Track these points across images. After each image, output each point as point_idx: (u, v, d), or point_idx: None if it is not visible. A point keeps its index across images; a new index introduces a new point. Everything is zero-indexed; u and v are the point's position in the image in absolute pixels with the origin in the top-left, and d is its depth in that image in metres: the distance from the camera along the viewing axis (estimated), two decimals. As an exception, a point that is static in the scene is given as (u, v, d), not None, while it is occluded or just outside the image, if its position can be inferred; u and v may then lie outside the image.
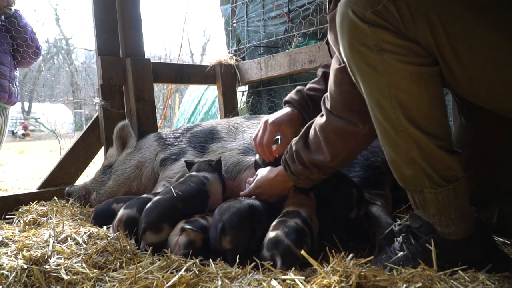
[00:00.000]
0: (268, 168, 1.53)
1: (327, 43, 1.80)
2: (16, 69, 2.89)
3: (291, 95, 1.65)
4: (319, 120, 1.30)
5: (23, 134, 17.71)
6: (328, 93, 1.26)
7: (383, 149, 1.11)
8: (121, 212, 1.51)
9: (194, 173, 1.66)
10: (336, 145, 1.25)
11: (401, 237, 1.14)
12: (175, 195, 1.45)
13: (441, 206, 1.04)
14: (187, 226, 1.31)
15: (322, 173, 1.34)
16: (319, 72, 1.76)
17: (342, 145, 1.24)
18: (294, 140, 1.37)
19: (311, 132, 1.32)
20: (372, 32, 0.99)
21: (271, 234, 1.23)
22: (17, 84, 2.88)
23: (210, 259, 1.22)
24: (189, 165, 1.75)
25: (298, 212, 1.33)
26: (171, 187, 1.50)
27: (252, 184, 1.55)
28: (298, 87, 1.67)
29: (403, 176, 1.08)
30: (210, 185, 1.59)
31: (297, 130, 1.53)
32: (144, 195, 1.65)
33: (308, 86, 1.68)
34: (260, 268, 1.14)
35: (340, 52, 1.20)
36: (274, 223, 1.30)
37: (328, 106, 1.25)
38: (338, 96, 1.22)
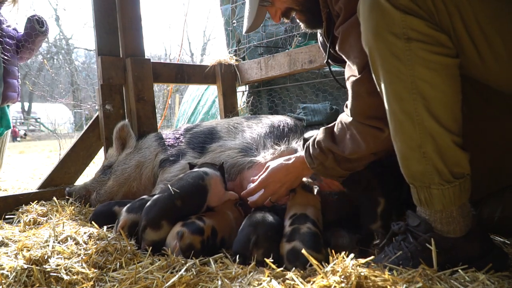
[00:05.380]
0: (280, 158, 1.57)
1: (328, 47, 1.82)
2: None
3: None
4: (346, 118, 1.34)
5: (25, 134, 17.71)
6: (348, 102, 1.30)
7: (394, 144, 1.11)
8: (124, 217, 1.50)
9: (195, 168, 1.67)
10: (358, 144, 1.30)
11: (399, 236, 1.15)
12: (173, 193, 1.45)
13: (446, 203, 1.05)
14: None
15: (336, 162, 1.37)
16: None
17: (364, 145, 1.29)
18: (322, 128, 1.43)
19: (337, 125, 1.37)
20: (402, 19, 0.99)
21: (288, 246, 1.24)
22: (20, 82, 2.90)
23: (210, 259, 1.23)
24: (192, 167, 1.76)
25: (306, 216, 1.35)
26: (169, 185, 1.50)
27: (267, 171, 1.54)
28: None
29: (412, 172, 1.09)
30: (210, 179, 1.58)
31: None
32: (145, 196, 1.65)
33: None
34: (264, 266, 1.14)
35: (355, 60, 1.23)
36: (287, 232, 1.31)
37: (350, 115, 1.29)
38: (357, 108, 1.26)
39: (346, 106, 1.35)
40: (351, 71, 1.30)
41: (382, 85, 1.08)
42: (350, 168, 1.39)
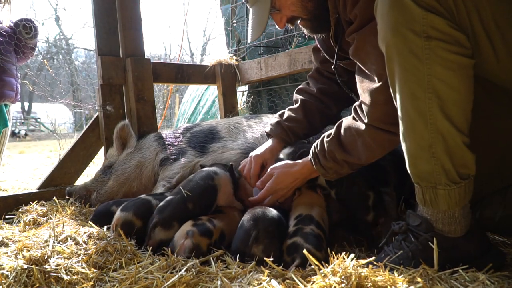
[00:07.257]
0: (281, 163, 1.57)
1: (315, 50, 1.84)
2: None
3: (272, 127, 1.82)
4: (356, 124, 1.33)
5: (25, 134, 17.66)
6: (363, 107, 1.29)
7: (403, 143, 1.11)
8: (117, 215, 1.51)
9: (205, 168, 1.68)
10: (373, 150, 1.31)
11: (399, 235, 1.15)
12: (185, 196, 1.47)
13: (452, 203, 1.05)
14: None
15: (351, 168, 1.40)
16: (296, 98, 1.85)
17: (379, 150, 1.31)
18: (326, 137, 1.41)
19: (345, 132, 1.36)
20: (423, 16, 0.98)
21: (289, 241, 1.26)
22: (19, 82, 2.88)
23: (211, 258, 1.22)
24: (203, 167, 1.76)
25: (311, 217, 1.36)
26: (181, 188, 1.52)
27: (272, 178, 1.54)
28: (278, 119, 1.82)
29: (419, 171, 1.08)
30: (219, 179, 1.60)
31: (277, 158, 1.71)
32: (141, 196, 1.65)
33: (286, 115, 1.81)
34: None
35: (372, 67, 1.23)
36: (291, 231, 1.32)
37: (365, 120, 1.29)
38: (374, 114, 1.26)
39: (355, 110, 1.34)
40: (366, 77, 1.29)
41: (397, 83, 1.07)
42: (361, 166, 1.41)
